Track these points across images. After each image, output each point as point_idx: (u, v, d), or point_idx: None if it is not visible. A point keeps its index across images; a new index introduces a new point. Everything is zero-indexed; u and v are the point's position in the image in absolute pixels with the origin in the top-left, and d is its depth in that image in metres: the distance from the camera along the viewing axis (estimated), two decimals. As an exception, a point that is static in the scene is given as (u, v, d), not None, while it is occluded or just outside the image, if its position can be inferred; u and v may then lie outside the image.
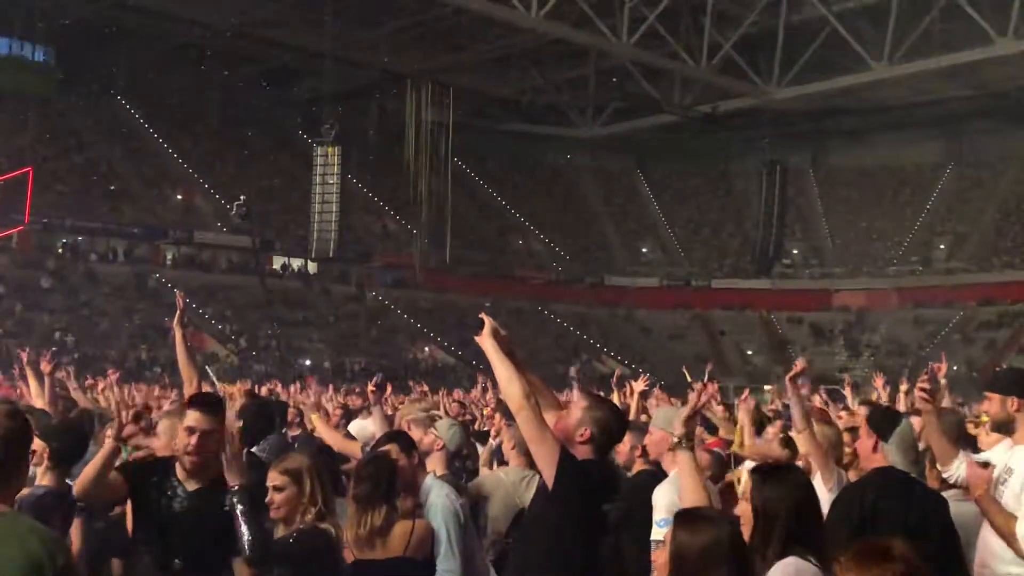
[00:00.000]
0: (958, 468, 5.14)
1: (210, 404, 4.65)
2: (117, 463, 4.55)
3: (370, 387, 7.18)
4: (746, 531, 3.43)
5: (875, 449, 4.75)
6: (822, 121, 62.48)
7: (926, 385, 5.19)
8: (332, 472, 6.07)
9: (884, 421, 4.89)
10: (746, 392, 9.43)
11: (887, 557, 2.69)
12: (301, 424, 10.16)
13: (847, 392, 12.61)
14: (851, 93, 55.06)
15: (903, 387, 10.90)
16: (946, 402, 5.99)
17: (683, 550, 3.15)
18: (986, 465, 4.99)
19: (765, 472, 3.66)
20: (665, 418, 5.42)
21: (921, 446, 5.58)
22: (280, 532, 4.55)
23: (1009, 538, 4.69)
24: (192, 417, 4.52)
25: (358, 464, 5.36)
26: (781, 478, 3.58)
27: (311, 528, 4.47)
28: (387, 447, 5.37)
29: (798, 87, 53.38)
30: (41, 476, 5.07)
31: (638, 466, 5.84)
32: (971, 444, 5.82)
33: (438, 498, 5.27)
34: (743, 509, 3.54)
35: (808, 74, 52.48)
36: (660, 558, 3.31)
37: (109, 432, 4.34)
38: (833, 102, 57.23)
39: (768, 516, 3.44)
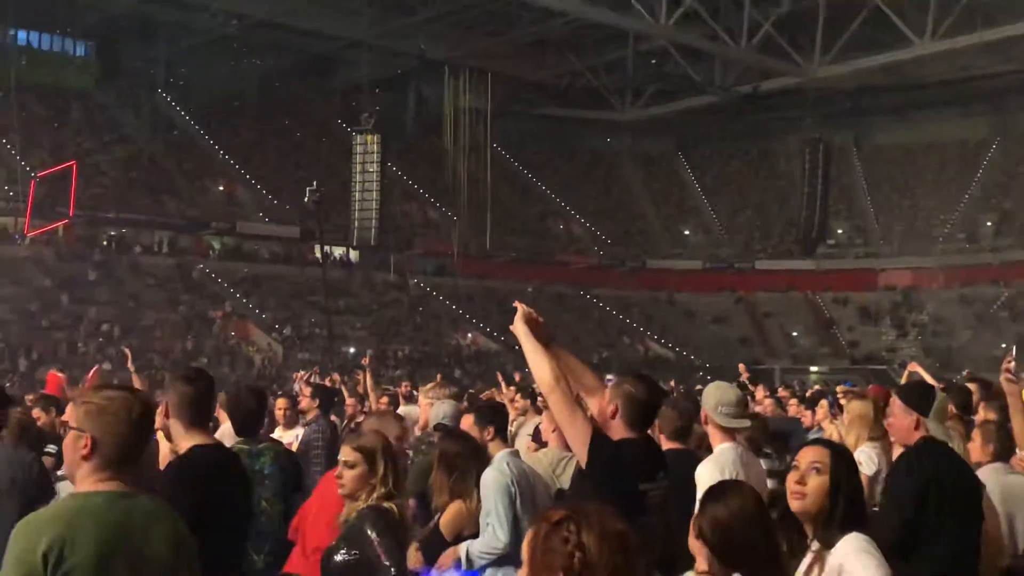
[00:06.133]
0: None
1: None
2: None
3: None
4: (800, 503, 3.49)
5: (917, 426, 4.75)
6: (865, 99, 61.71)
7: (1011, 366, 5.36)
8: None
9: (922, 397, 4.90)
10: None
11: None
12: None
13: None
14: (894, 70, 54.40)
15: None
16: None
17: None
18: None
19: (841, 450, 3.70)
20: (707, 395, 5.45)
21: None
22: (344, 509, 4.51)
23: None
24: None
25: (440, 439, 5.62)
26: (851, 457, 3.65)
27: (373, 507, 4.39)
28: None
29: (840, 65, 52.70)
30: None
31: (666, 445, 5.78)
32: None
33: (489, 471, 5.35)
34: (818, 481, 3.49)
35: (850, 52, 51.84)
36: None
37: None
38: (875, 79, 56.53)
39: (843, 491, 3.46)
